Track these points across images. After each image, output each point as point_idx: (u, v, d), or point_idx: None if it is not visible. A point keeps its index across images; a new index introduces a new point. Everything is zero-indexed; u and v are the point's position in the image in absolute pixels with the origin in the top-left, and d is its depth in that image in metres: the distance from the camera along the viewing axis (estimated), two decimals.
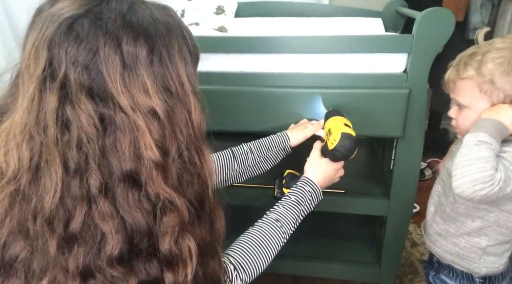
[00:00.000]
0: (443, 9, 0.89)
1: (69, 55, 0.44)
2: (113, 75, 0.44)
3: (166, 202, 0.48)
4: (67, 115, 0.44)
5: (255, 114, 1.02)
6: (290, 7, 1.47)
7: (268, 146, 0.93)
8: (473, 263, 0.87)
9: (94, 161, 0.45)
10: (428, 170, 2.08)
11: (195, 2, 1.29)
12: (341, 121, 0.86)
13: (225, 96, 1.01)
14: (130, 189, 0.46)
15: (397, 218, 1.12)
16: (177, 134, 0.49)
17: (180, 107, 0.49)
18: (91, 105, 0.44)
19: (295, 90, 0.99)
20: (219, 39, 1.03)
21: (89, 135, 0.44)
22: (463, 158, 0.72)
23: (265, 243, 0.71)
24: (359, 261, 1.27)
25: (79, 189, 0.45)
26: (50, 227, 0.45)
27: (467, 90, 0.79)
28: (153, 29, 0.47)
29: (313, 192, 0.81)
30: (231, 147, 0.92)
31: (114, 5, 0.47)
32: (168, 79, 0.48)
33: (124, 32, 0.45)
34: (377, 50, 0.95)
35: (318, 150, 0.87)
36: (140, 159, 0.46)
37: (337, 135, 0.81)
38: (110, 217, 0.46)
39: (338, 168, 0.86)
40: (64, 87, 0.44)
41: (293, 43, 0.96)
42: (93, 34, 0.44)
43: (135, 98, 0.46)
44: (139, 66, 0.46)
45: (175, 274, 0.50)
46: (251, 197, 1.15)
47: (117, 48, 0.45)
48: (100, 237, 0.46)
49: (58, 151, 0.44)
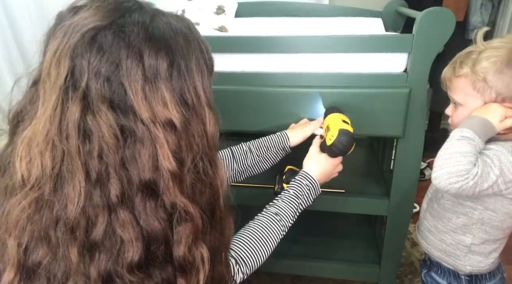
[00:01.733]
0: (443, 9, 0.89)
1: (91, 66, 0.45)
2: (135, 88, 0.45)
3: (181, 211, 0.49)
4: (89, 126, 0.45)
5: (255, 114, 1.02)
6: (290, 7, 1.46)
7: (268, 145, 0.93)
8: (458, 260, 0.88)
9: (114, 171, 0.46)
10: (428, 170, 2.07)
11: (195, 2, 1.29)
12: (339, 117, 0.87)
13: (225, 96, 1.00)
14: (148, 199, 0.48)
15: (397, 218, 1.12)
16: (193, 145, 0.50)
17: (195, 119, 0.51)
18: (112, 116, 0.45)
19: (295, 90, 0.99)
20: (219, 39, 1.03)
21: (110, 145, 0.45)
22: (444, 151, 0.75)
23: (265, 236, 0.72)
24: (359, 261, 1.27)
25: (100, 198, 0.46)
26: (73, 234, 0.46)
27: (461, 88, 0.80)
28: (173, 42, 0.49)
29: (311, 186, 0.82)
30: (231, 146, 0.92)
31: (137, 18, 0.48)
32: (185, 92, 0.49)
33: (147, 46, 0.46)
34: (377, 50, 0.95)
35: (317, 146, 0.88)
36: (158, 169, 0.47)
37: (335, 131, 0.82)
38: (130, 225, 0.47)
39: (337, 163, 0.87)
40: (86, 97, 0.45)
41: (293, 43, 0.96)
42: (116, 46, 0.45)
43: (155, 111, 0.47)
44: (160, 79, 0.47)
45: (188, 280, 0.51)
46: (251, 197, 1.15)
47: (139, 61, 0.46)
48: (120, 244, 0.47)
49: (80, 160, 0.45)
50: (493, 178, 0.72)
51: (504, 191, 0.75)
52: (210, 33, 1.18)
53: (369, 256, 1.29)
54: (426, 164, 2.09)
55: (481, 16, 2.00)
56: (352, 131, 0.84)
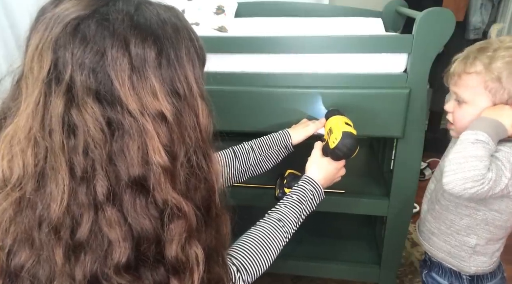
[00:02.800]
0: (443, 9, 0.89)
1: (75, 57, 0.43)
2: (121, 78, 0.43)
3: (174, 208, 0.47)
4: (73, 120, 0.43)
5: (255, 114, 1.02)
6: (290, 7, 1.46)
7: (270, 144, 0.92)
8: (463, 262, 0.87)
9: (101, 167, 0.44)
10: (428, 170, 2.08)
11: (195, 2, 1.29)
12: (342, 120, 0.86)
13: (225, 96, 1.00)
14: (138, 195, 0.45)
15: (397, 218, 1.12)
16: (185, 138, 0.48)
17: (188, 110, 0.49)
18: (98, 109, 0.43)
19: (295, 90, 0.99)
20: (219, 39, 1.03)
21: (96, 140, 0.43)
22: (457, 155, 0.72)
23: (267, 243, 0.70)
24: (359, 261, 1.27)
25: (85, 196, 0.44)
26: (57, 235, 0.44)
27: (471, 86, 0.78)
28: (161, 30, 0.46)
29: (315, 191, 0.80)
30: (232, 146, 0.92)
31: (121, 6, 0.46)
32: (176, 82, 0.47)
33: (132, 34, 0.44)
34: (377, 50, 0.95)
35: (319, 150, 0.86)
36: (148, 164, 0.45)
37: (338, 134, 0.80)
38: (117, 224, 0.45)
39: (340, 167, 0.85)
40: (70, 90, 0.43)
41: (293, 43, 0.96)
42: (100, 35, 0.43)
43: (144, 102, 0.45)
44: (148, 68, 0.45)
45: (181, 281, 0.49)
46: (252, 197, 1.15)
47: (125, 50, 0.44)
48: (107, 244, 0.45)
49: (64, 157, 0.43)
50: (504, 181, 0.70)
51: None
52: (210, 33, 1.18)
53: (369, 256, 1.29)
54: (426, 164, 2.09)
55: (481, 16, 2.00)
56: (355, 133, 0.82)
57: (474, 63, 0.77)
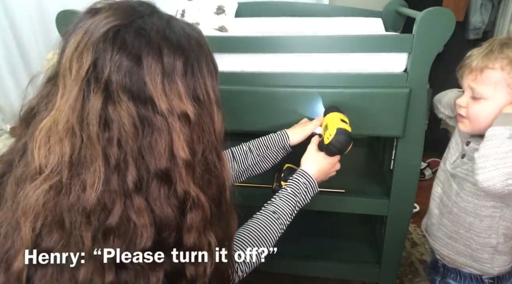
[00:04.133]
0: (443, 9, 0.89)
1: (113, 59, 0.47)
2: (154, 81, 0.49)
3: (194, 199, 0.52)
4: (110, 115, 0.48)
5: (255, 114, 1.02)
6: (290, 7, 1.46)
7: (268, 145, 0.94)
8: (486, 264, 0.86)
9: (132, 159, 0.48)
10: (428, 170, 2.08)
11: (195, 2, 1.29)
12: (338, 116, 0.87)
13: (225, 96, 1.00)
14: (162, 186, 0.50)
15: (397, 218, 1.12)
16: (203, 139, 0.54)
17: (206, 114, 0.54)
18: (133, 106, 0.48)
19: (295, 90, 0.99)
20: (219, 39, 1.03)
21: (129, 134, 0.48)
22: (494, 151, 0.70)
23: (263, 235, 0.74)
24: (359, 261, 1.27)
25: (117, 184, 0.48)
26: (88, 219, 0.48)
27: (493, 81, 0.76)
28: (187, 44, 0.53)
29: (309, 184, 0.83)
30: (231, 147, 0.92)
31: (155, 19, 0.52)
32: (197, 89, 0.53)
33: (165, 45, 0.50)
34: (377, 50, 0.95)
35: (315, 144, 0.89)
36: (173, 158, 0.50)
37: (333, 130, 0.83)
38: (145, 212, 0.49)
39: (334, 162, 0.88)
40: (107, 88, 0.48)
41: (293, 43, 0.96)
42: (137, 43, 0.49)
43: (172, 103, 0.50)
44: (176, 75, 0.50)
45: (196, 266, 0.53)
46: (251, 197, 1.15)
47: (159, 57, 0.49)
48: (133, 229, 0.49)
49: (100, 147, 0.47)
50: None
51: None
52: (210, 33, 1.18)
53: (369, 256, 1.28)
54: (426, 164, 2.09)
55: (481, 16, 2.01)
56: (350, 130, 0.84)
57: (498, 58, 0.75)
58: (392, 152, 1.16)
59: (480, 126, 0.80)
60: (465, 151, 0.86)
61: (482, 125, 0.79)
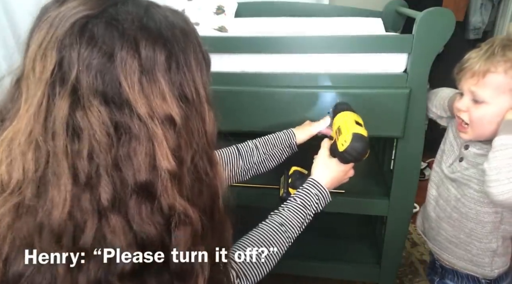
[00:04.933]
0: (443, 9, 0.89)
1: (81, 57, 0.41)
2: (131, 81, 0.42)
3: (180, 214, 0.46)
4: (78, 123, 0.41)
5: (255, 114, 1.02)
6: (290, 7, 1.46)
7: (274, 142, 0.91)
8: (487, 267, 0.85)
9: (106, 172, 0.42)
10: (428, 170, 2.08)
11: (195, 2, 1.29)
12: (352, 118, 0.80)
13: (225, 96, 1.00)
14: (144, 202, 0.44)
15: (397, 218, 1.12)
16: (192, 143, 0.47)
17: (195, 115, 0.48)
18: (105, 112, 0.42)
19: (295, 90, 0.99)
20: (219, 39, 1.03)
21: (102, 144, 0.42)
22: (507, 162, 0.67)
23: (268, 248, 0.68)
24: (359, 261, 1.27)
25: (89, 202, 0.42)
26: (58, 242, 0.42)
27: (495, 85, 0.74)
28: (170, 34, 0.45)
29: (321, 196, 0.77)
30: (236, 144, 0.91)
31: (131, 7, 0.44)
32: (185, 86, 0.46)
33: (142, 36, 0.43)
34: (377, 50, 0.95)
35: (327, 149, 0.82)
36: (156, 169, 0.44)
37: (348, 136, 0.75)
38: (121, 231, 0.43)
39: (348, 169, 0.82)
40: (75, 92, 0.41)
41: (293, 43, 0.96)
42: (109, 35, 0.42)
43: (153, 105, 0.43)
44: (157, 71, 0.44)
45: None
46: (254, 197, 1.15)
47: (135, 52, 0.42)
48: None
49: (67, 162, 0.41)
50: None
51: None
52: (210, 33, 1.18)
53: (369, 256, 1.29)
54: (426, 164, 2.09)
55: (481, 16, 2.01)
56: (366, 134, 0.76)
57: (500, 62, 0.73)
58: (392, 152, 1.16)
59: (483, 132, 0.78)
60: (464, 154, 0.84)
61: (485, 130, 0.77)
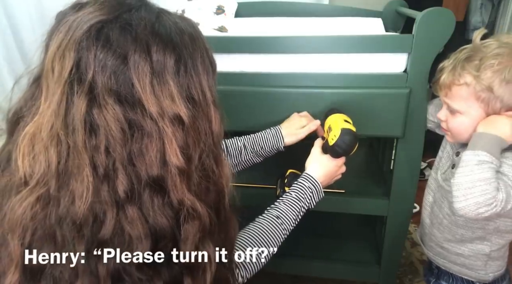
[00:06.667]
0: (443, 9, 0.89)
1: (97, 59, 0.44)
2: (143, 82, 0.45)
3: (189, 208, 0.49)
4: (95, 119, 0.44)
5: (255, 114, 1.02)
6: (290, 7, 1.46)
7: (262, 144, 0.94)
8: (480, 271, 0.86)
9: (122, 166, 0.45)
10: (428, 170, 2.07)
11: (195, 2, 1.29)
12: (341, 117, 0.86)
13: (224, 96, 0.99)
14: (156, 195, 0.47)
15: (397, 218, 1.12)
16: (199, 142, 0.50)
17: (202, 116, 0.51)
18: (119, 110, 0.45)
19: (295, 90, 0.99)
20: (219, 39, 1.03)
21: (117, 139, 0.45)
22: (464, 179, 0.70)
23: (266, 240, 0.72)
24: (359, 261, 1.27)
25: (108, 193, 0.45)
26: (80, 233, 0.45)
27: (462, 97, 0.76)
28: (179, 39, 0.48)
29: (314, 189, 0.81)
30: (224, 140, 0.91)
31: (143, 14, 0.48)
32: (192, 88, 0.49)
33: (154, 41, 0.46)
34: (377, 50, 0.95)
35: (319, 147, 0.87)
36: (166, 165, 0.47)
37: (337, 131, 0.81)
38: (138, 222, 0.46)
39: (340, 164, 0.86)
40: (92, 91, 0.44)
41: (293, 43, 0.96)
42: (123, 40, 0.45)
43: (163, 105, 0.46)
44: (167, 74, 0.46)
45: (194, 279, 0.51)
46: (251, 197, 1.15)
47: (147, 55, 0.45)
48: (128, 241, 0.46)
49: (87, 155, 0.44)
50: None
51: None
52: (210, 33, 1.18)
53: (369, 256, 1.28)
54: (426, 164, 2.09)
55: (481, 16, 2.01)
56: (354, 130, 0.82)
57: (462, 74, 0.75)
58: (392, 152, 1.16)
59: (463, 138, 0.81)
60: (455, 161, 0.85)
61: (464, 137, 0.80)
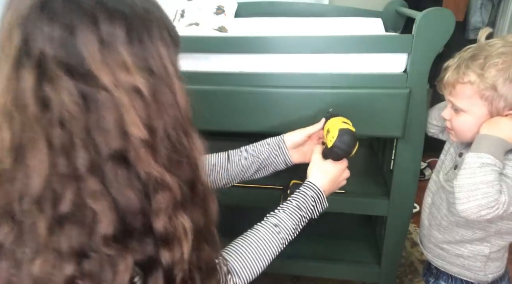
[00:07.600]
0: (443, 9, 0.89)
1: (44, 32, 0.43)
2: (92, 52, 0.44)
3: (158, 180, 0.48)
4: (47, 93, 0.43)
5: (255, 114, 1.02)
6: (290, 7, 1.46)
7: (268, 168, 0.92)
8: (480, 272, 0.86)
9: (79, 139, 0.44)
10: (428, 170, 2.08)
11: (195, 2, 1.29)
12: (339, 120, 0.84)
13: (225, 96, 1.00)
14: (119, 168, 0.46)
15: (397, 218, 1.12)
16: (163, 114, 0.49)
17: (164, 88, 0.49)
18: (71, 82, 0.44)
19: (295, 90, 0.99)
20: (219, 39, 1.03)
21: (71, 112, 0.44)
22: (467, 182, 0.70)
23: (261, 248, 0.69)
24: (359, 261, 1.27)
25: (66, 167, 0.44)
26: (39, 207, 0.44)
27: (466, 95, 0.77)
28: (130, 10, 0.47)
29: (317, 198, 0.77)
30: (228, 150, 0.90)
31: None
32: (149, 59, 0.48)
33: (100, 11, 0.45)
34: (377, 50, 0.94)
35: (319, 153, 0.83)
36: (127, 137, 0.46)
37: (335, 132, 0.78)
38: (101, 196, 0.45)
39: (343, 168, 0.82)
40: (41, 64, 0.43)
41: (293, 43, 0.96)
42: (69, 11, 0.44)
43: (117, 75, 0.45)
44: (118, 44, 0.45)
45: (171, 251, 0.50)
46: (251, 197, 1.15)
47: (94, 26, 0.44)
48: (92, 216, 0.45)
49: (41, 129, 0.44)
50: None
51: None
52: (210, 33, 1.18)
53: (369, 256, 1.29)
54: (426, 164, 2.09)
55: (481, 16, 2.01)
56: (353, 130, 0.80)
57: (466, 72, 0.75)
58: (392, 152, 1.16)
59: (467, 137, 0.81)
60: (458, 162, 0.85)
61: (467, 136, 0.80)
